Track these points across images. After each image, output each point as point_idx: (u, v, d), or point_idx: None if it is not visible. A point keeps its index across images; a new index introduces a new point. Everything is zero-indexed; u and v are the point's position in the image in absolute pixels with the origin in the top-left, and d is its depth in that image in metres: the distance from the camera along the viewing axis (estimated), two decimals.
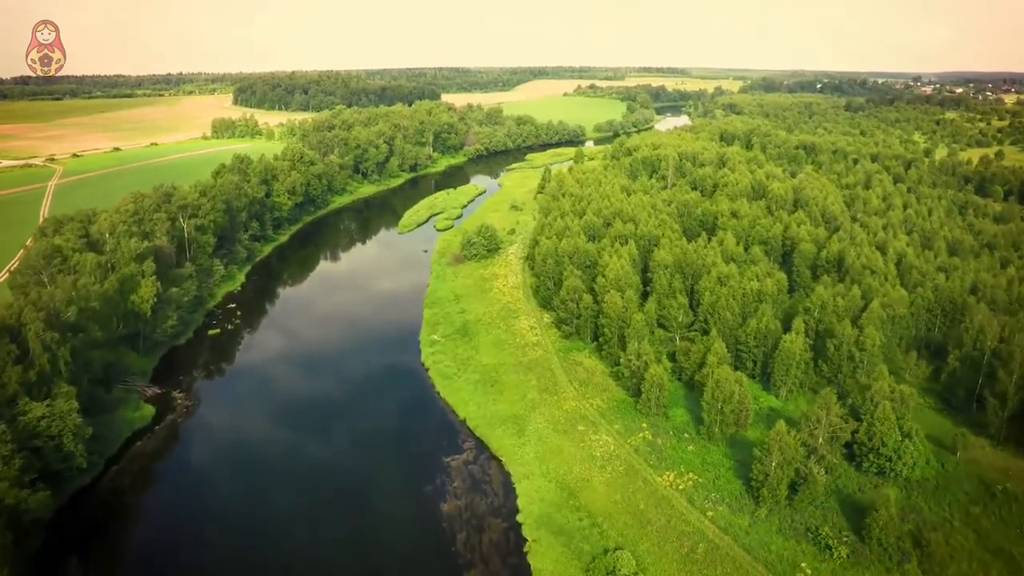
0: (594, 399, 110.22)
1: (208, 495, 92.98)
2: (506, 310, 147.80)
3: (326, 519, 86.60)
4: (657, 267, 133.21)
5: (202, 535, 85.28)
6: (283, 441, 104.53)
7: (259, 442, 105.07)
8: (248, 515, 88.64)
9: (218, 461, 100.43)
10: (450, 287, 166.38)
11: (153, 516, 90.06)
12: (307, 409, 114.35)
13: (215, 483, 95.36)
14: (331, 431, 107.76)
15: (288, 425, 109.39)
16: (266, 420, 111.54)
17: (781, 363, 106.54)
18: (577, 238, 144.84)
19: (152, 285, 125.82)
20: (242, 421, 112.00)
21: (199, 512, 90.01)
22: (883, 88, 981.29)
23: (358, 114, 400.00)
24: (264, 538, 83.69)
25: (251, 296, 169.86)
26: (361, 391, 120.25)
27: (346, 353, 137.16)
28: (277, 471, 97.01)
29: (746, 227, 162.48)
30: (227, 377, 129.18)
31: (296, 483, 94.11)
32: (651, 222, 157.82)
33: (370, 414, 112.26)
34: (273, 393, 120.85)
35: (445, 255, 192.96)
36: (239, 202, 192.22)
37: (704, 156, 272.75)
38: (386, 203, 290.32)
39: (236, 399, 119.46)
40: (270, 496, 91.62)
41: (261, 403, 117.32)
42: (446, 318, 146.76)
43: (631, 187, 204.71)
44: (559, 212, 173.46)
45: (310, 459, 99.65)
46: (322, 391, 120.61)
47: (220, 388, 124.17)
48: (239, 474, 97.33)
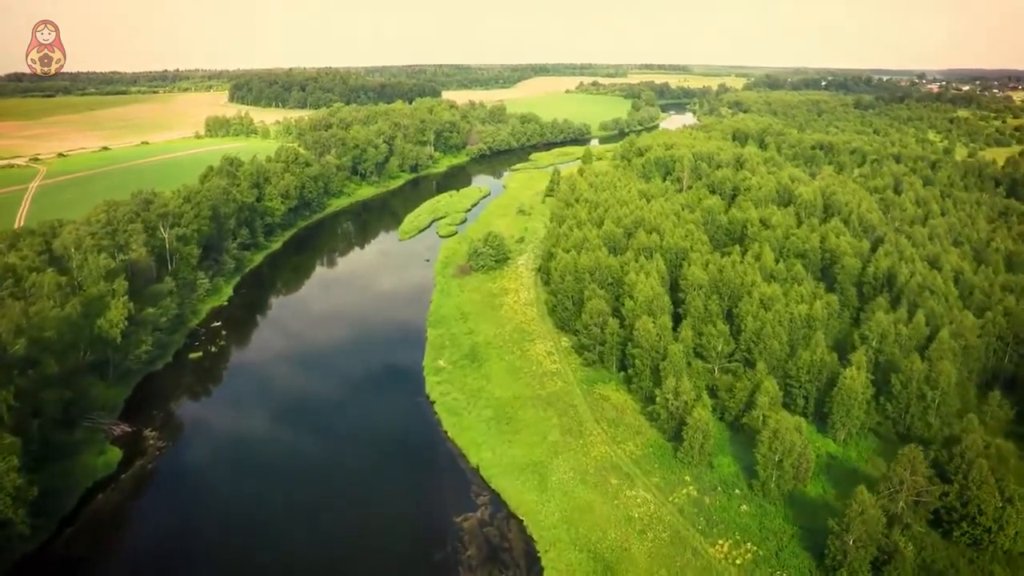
0: (626, 443, 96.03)
1: (177, 564, 78.71)
2: (519, 331, 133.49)
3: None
4: (690, 286, 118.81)
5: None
6: (268, 494, 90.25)
7: (238, 496, 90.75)
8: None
9: (190, 521, 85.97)
10: (456, 303, 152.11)
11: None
12: (298, 451, 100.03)
13: (187, 549, 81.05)
14: (327, 480, 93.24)
15: (275, 472, 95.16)
16: (248, 467, 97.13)
17: (841, 403, 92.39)
18: (598, 252, 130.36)
19: (123, 306, 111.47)
20: (220, 468, 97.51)
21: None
22: (888, 86, 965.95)
23: (357, 112, 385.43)
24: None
25: (239, 312, 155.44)
26: (360, 429, 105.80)
27: (343, 381, 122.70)
28: (262, 532, 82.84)
29: (780, 238, 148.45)
30: (207, 410, 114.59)
31: (285, 548, 79.90)
32: (677, 233, 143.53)
33: (371, 463, 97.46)
34: (259, 432, 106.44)
35: (449, 265, 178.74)
36: (227, 208, 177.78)
37: (720, 157, 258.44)
38: (386, 206, 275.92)
39: (215, 438, 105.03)
40: (254, 560, 77.57)
41: (243, 445, 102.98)
42: (453, 340, 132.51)
43: (649, 191, 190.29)
44: (574, 221, 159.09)
45: (300, 512, 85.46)
46: (315, 427, 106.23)
47: (199, 424, 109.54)
48: (215, 536, 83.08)
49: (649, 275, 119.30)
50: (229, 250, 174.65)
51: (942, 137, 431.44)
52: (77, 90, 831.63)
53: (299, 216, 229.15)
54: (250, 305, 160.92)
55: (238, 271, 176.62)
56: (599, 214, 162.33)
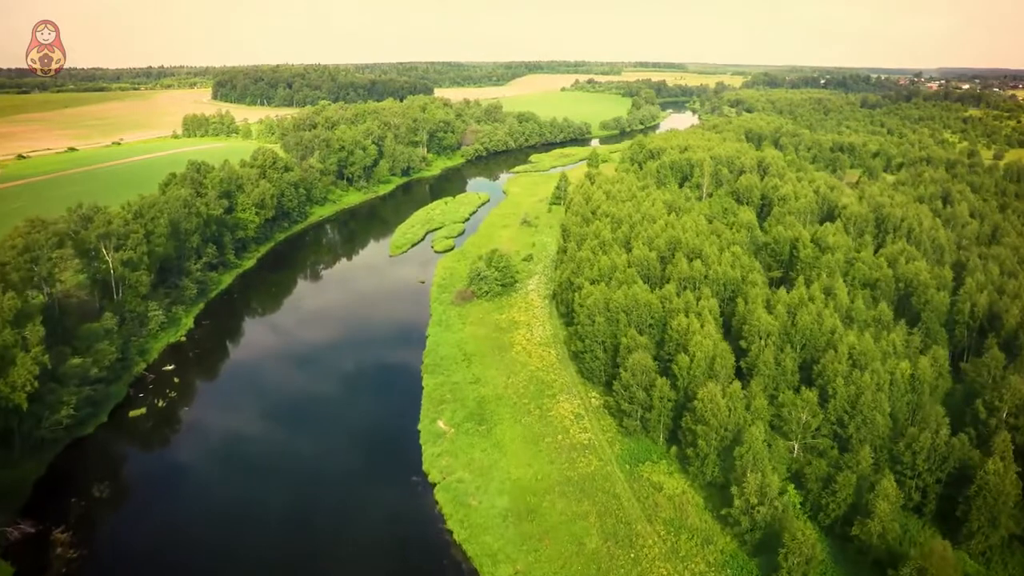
0: (694, 559, 71.79)
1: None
2: (536, 382, 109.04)
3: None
4: (753, 334, 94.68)
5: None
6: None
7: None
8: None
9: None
10: (456, 339, 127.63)
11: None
12: (261, 566, 75.53)
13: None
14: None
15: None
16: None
17: (983, 508, 68.71)
18: (635, 286, 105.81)
19: (30, 364, 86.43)
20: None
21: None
22: (888, 84, 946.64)
23: (344, 111, 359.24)
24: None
25: (198, 350, 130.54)
26: (340, 529, 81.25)
27: (320, 450, 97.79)
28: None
29: (840, 263, 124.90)
30: (143, 493, 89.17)
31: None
32: (724, 259, 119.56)
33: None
34: (210, 528, 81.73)
35: (447, 289, 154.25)
36: (189, 223, 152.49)
37: (742, 161, 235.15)
38: (375, 213, 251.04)
39: (152, 537, 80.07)
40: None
41: (189, 548, 78.18)
42: (454, 393, 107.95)
43: (677, 203, 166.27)
44: (596, 241, 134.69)
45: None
46: (281, 530, 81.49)
47: (131, 515, 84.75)
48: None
49: (704, 320, 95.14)
50: (191, 272, 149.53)
51: (959, 137, 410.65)
52: (55, 86, 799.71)
53: (277, 228, 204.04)
54: (212, 340, 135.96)
55: (202, 296, 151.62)
56: (624, 233, 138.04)
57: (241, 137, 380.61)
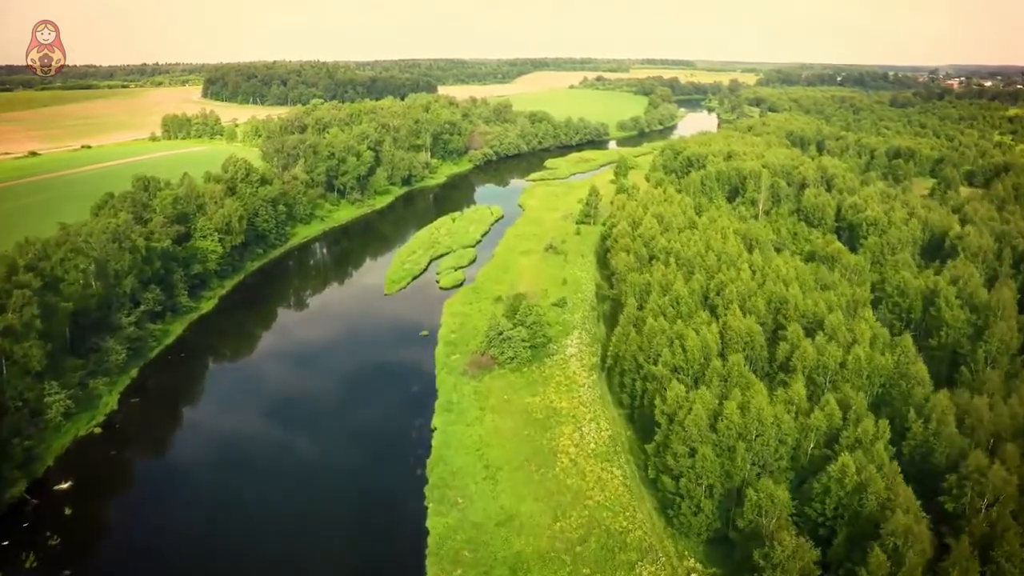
0: None
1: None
2: (600, 530, 71.80)
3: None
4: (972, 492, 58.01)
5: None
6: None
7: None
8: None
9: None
10: (474, 438, 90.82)
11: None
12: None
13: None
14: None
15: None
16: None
17: None
18: (758, 394, 68.48)
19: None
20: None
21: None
22: (907, 81, 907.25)
23: (337, 110, 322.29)
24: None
25: (116, 449, 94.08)
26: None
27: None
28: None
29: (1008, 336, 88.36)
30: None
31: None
32: (860, 333, 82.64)
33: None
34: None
35: (458, 348, 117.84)
36: (120, 262, 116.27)
37: (801, 172, 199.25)
38: (370, 230, 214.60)
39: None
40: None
41: None
42: (475, 543, 71.26)
43: (752, 233, 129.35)
44: (668, 299, 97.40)
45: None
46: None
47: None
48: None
49: (875, 455, 58.29)
50: (121, 327, 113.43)
51: (1013, 139, 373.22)
52: (41, 84, 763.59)
53: (249, 255, 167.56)
54: (139, 429, 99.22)
55: (137, 358, 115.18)
56: (700, 284, 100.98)
57: (226, 140, 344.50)
